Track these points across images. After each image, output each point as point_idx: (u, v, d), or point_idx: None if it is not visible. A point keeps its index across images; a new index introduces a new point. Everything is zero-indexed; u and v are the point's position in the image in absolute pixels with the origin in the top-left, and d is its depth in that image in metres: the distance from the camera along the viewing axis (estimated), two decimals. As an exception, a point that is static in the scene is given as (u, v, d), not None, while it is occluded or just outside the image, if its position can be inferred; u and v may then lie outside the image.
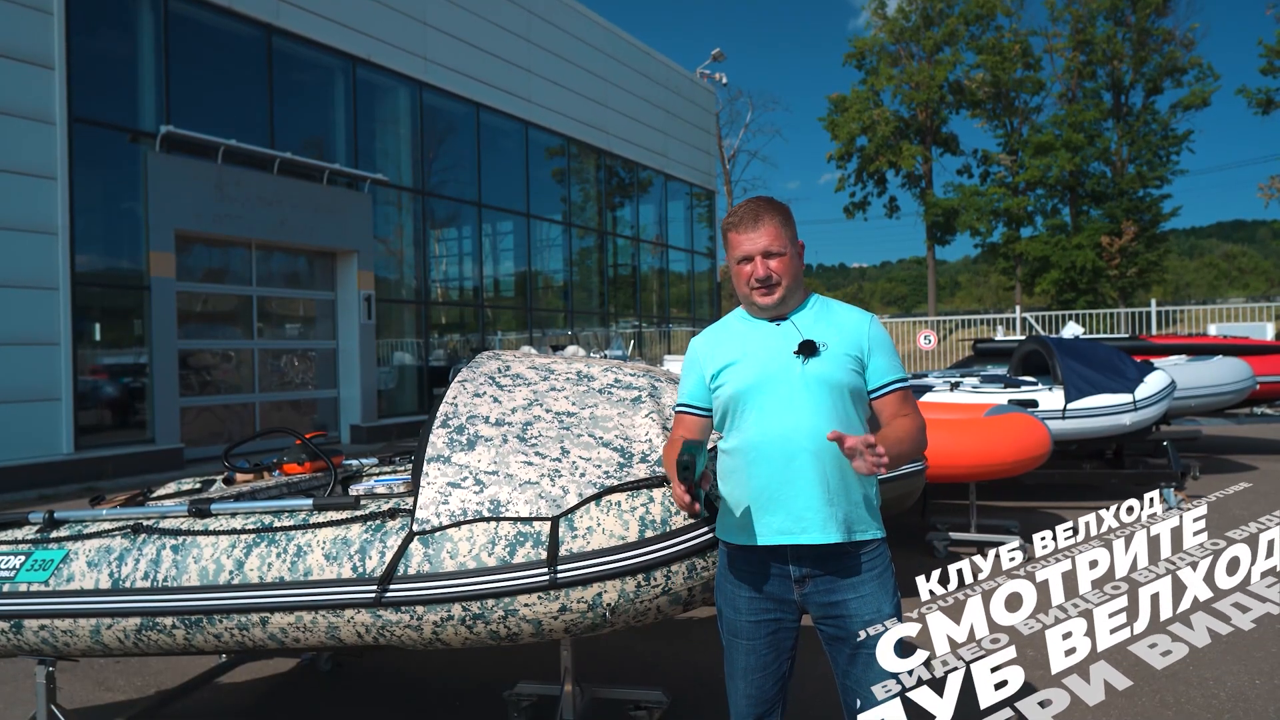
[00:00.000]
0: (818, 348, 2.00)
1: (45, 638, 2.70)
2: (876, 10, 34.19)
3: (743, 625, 2.05)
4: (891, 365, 2.07)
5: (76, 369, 9.69)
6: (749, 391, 2.01)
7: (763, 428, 1.99)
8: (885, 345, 2.07)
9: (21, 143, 9.22)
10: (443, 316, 16.21)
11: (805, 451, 1.95)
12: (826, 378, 1.98)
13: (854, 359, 2.02)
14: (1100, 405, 6.53)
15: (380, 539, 2.44)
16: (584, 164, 19.54)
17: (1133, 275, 30.58)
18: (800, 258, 2.11)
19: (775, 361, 2.01)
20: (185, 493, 3.31)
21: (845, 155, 34.92)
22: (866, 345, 2.04)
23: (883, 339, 2.07)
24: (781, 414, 1.98)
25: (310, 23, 12.52)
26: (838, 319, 2.07)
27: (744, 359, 2.04)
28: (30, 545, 2.79)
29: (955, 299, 50.16)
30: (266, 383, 12.36)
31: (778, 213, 2.06)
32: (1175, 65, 30.99)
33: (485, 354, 2.92)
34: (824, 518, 1.94)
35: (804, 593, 1.99)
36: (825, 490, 1.95)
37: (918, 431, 2.03)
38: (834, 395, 1.99)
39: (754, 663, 2.05)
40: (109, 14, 10.41)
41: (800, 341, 2.00)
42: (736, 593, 2.05)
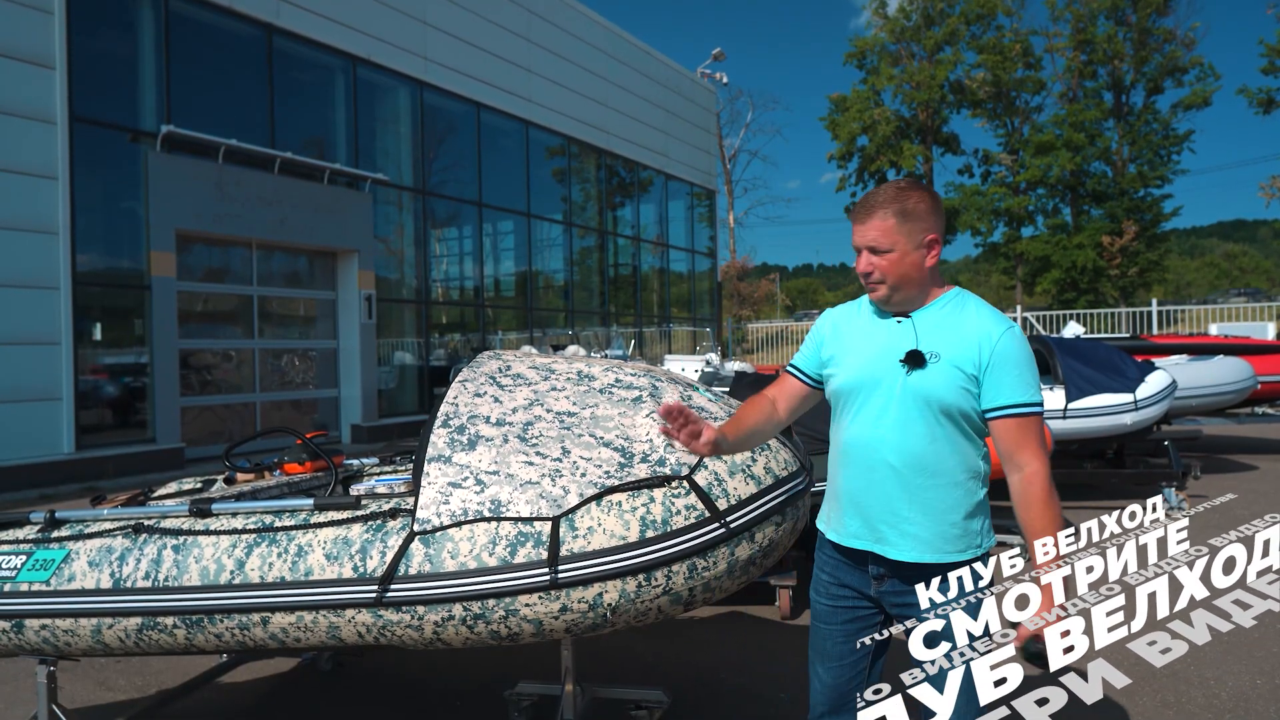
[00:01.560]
0: (925, 358, 1.86)
1: (46, 637, 2.70)
2: (877, 10, 34.19)
3: (821, 608, 2.05)
4: (1011, 386, 1.82)
5: (77, 368, 9.69)
6: (851, 391, 1.96)
7: (854, 431, 1.95)
8: (1010, 361, 1.82)
9: (22, 142, 9.23)
10: (443, 316, 16.21)
11: (886, 464, 1.88)
12: (924, 393, 1.85)
13: (965, 375, 1.84)
14: (1101, 405, 6.53)
15: (381, 539, 2.44)
16: (584, 163, 19.54)
17: (1133, 275, 30.58)
18: (927, 254, 1.91)
19: (881, 365, 1.91)
20: (186, 492, 3.31)
21: (846, 155, 34.92)
22: (986, 359, 1.83)
23: (1010, 353, 1.82)
24: (873, 422, 1.91)
25: (311, 22, 12.52)
26: (963, 325, 1.87)
27: (855, 354, 1.97)
28: (31, 545, 2.79)
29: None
30: (267, 382, 12.37)
31: (894, 204, 1.88)
32: (1176, 65, 30.99)
33: (486, 354, 2.92)
34: (899, 534, 1.89)
35: (880, 589, 1.96)
36: (907, 507, 1.87)
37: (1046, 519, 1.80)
38: (930, 412, 1.85)
39: (831, 650, 2.03)
40: (110, 14, 10.42)
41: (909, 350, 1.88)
42: (819, 575, 2.07)
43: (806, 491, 2.61)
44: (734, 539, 2.39)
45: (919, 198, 1.90)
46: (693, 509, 2.38)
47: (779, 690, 3.48)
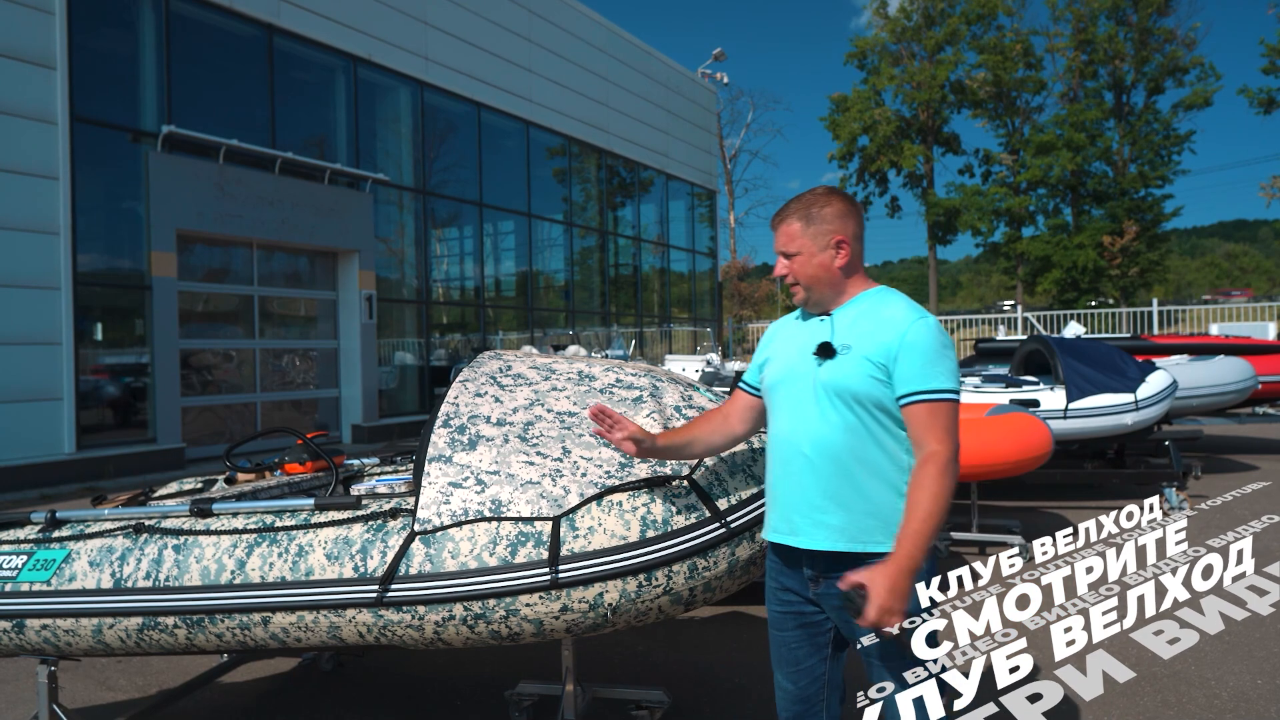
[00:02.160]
0: (835, 350, 1.92)
1: (47, 637, 2.70)
2: (878, 10, 34.19)
3: (773, 615, 2.08)
4: (919, 373, 1.85)
5: (78, 368, 9.70)
6: (774, 388, 2.03)
7: (776, 427, 2.01)
8: (918, 349, 1.85)
9: (23, 143, 9.23)
10: (444, 316, 16.22)
11: (802, 456, 1.92)
12: (835, 383, 1.89)
13: (876, 364, 1.87)
14: (1102, 405, 6.52)
15: (382, 539, 2.44)
16: (585, 163, 19.54)
17: (1134, 275, 30.58)
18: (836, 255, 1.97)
19: (800, 361, 1.97)
20: (187, 492, 3.31)
21: (847, 155, 34.94)
22: (896, 348, 1.87)
23: (918, 342, 1.86)
24: (790, 416, 1.97)
25: (311, 22, 12.52)
26: (876, 318, 1.92)
27: (781, 355, 2.04)
28: (32, 545, 2.79)
29: (956, 298, 50.15)
30: (268, 382, 12.37)
31: (800, 210, 1.99)
32: (1177, 65, 31.00)
33: (486, 354, 2.92)
34: (813, 524, 1.91)
35: (818, 591, 1.97)
36: (820, 496, 1.90)
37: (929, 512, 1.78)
38: (842, 402, 1.89)
39: (786, 655, 2.06)
40: (110, 14, 10.42)
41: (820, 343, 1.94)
42: (768, 581, 2.10)
43: (807, 491, 2.61)
44: (734, 539, 2.39)
45: (826, 202, 1.98)
46: (693, 509, 2.38)
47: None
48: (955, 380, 1.88)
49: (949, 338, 1.91)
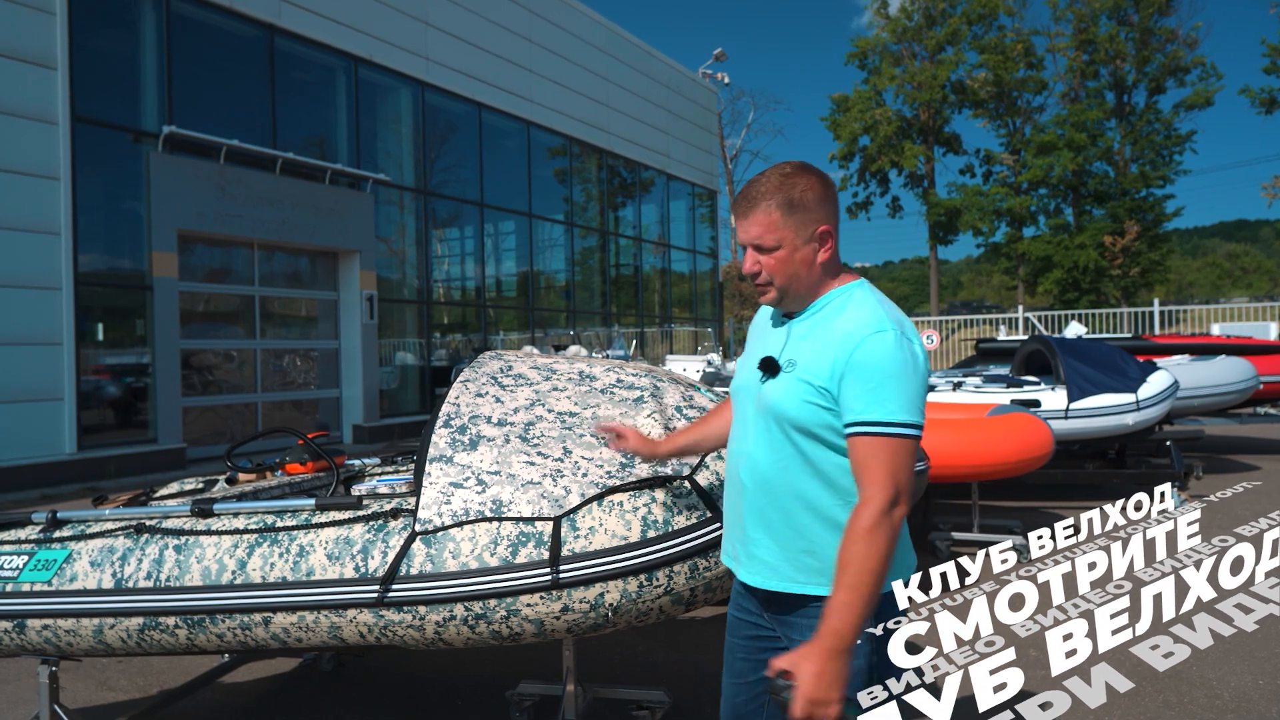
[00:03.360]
0: (779, 367, 1.65)
1: (48, 637, 2.70)
2: (879, 10, 34.19)
3: (731, 619, 1.88)
4: (863, 399, 1.54)
5: (79, 369, 9.70)
6: (732, 397, 1.83)
7: (729, 445, 1.81)
8: (867, 370, 1.55)
9: (24, 143, 9.24)
10: (445, 316, 16.22)
11: (739, 481, 1.73)
12: (772, 406, 1.64)
13: (816, 388, 1.59)
14: (1103, 405, 6.52)
15: (382, 539, 2.44)
16: (586, 164, 19.55)
17: (1135, 275, 30.56)
18: (819, 248, 1.66)
19: (752, 373, 1.73)
20: (188, 492, 3.31)
21: (848, 155, 34.93)
22: (842, 368, 1.57)
23: (867, 362, 1.55)
24: (736, 435, 1.77)
25: (312, 22, 12.53)
26: (830, 329, 1.63)
27: (744, 360, 1.81)
28: (33, 545, 2.79)
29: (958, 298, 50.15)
30: (269, 382, 12.38)
31: (779, 194, 1.63)
32: (1178, 64, 30.97)
33: (487, 354, 2.92)
34: (749, 556, 1.72)
35: (769, 613, 1.76)
36: (753, 528, 1.70)
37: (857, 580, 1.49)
38: (778, 427, 1.64)
39: (730, 663, 1.86)
40: (111, 14, 10.42)
41: (764, 357, 1.68)
42: (733, 585, 1.92)
43: (808, 492, 2.60)
44: (735, 539, 2.39)
45: (807, 184, 1.64)
46: (694, 509, 2.38)
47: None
48: (911, 411, 1.54)
49: (916, 355, 1.58)
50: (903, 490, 1.55)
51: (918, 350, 1.60)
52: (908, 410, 1.54)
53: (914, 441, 1.56)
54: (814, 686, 1.48)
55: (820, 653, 1.49)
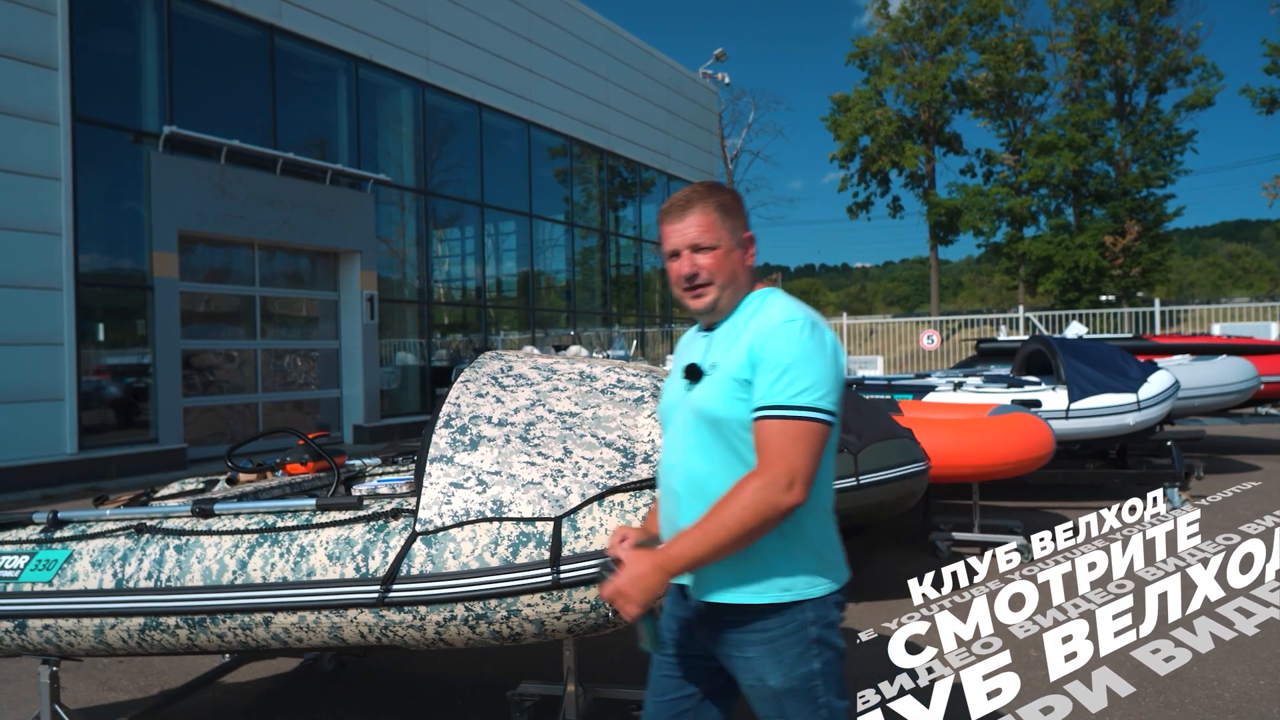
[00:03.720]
0: (703, 371, 1.68)
1: (49, 637, 2.70)
2: (879, 10, 34.18)
3: (666, 624, 1.83)
4: (769, 387, 1.56)
5: (80, 369, 9.70)
6: (661, 423, 1.83)
7: (660, 465, 1.79)
8: (774, 359, 1.57)
9: (26, 143, 9.24)
10: (445, 316, 16.22)
11: (673, 491, 1.71)
12: (700, 408, 1.65)
13: (739, 382, 1.60)
14: (1104, 405, 6.52)
15: (383, 539, 2.44)
16: (586, 164, 19.55)
17: (1136, 275, 30.54)
18: (746, 255, 1.73)
19: (677, 385, 1.75)
20: (189, 493, 3.31)
21: (848, 155, 34.92)
22: (756, 358, 1.59)
23: (776, 352, 1.57)
24: (668, 447, 1.75)
25: (312, 23, 12.53)
26: (746, 328, 1.66)
27: (668, 383, 1.81)
28: (34, 545, 2.79)
29: (958, 299, 50.16)
30: (269, 382, 12.38)
31: (713, 199, 1.71)
32: (1179, 64, 30.96)
33: (488, 354, 2.92)
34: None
35: (704, 626, 1.73)
36: None
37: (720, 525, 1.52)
38: (707, 429, 1.64)
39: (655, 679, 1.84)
40: (112, 14, 10.43)
41: (688, 365, 1.71)
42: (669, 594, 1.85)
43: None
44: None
45: (732, 195, 1.75)
46: (695, 509, 2.38)
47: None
48: (819, 397, 1.55)
49: (826, 344, 1.60)
50: (798, 475, 1.53)
51: (829, 340, 1.62)
52: (812, 395, 1.55)
53: (818, 426, 1.56)
54: (628, 582, 1.56)
55: (650, 561, 1.57)
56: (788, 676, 1.61)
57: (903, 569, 5.25)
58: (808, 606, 1.61)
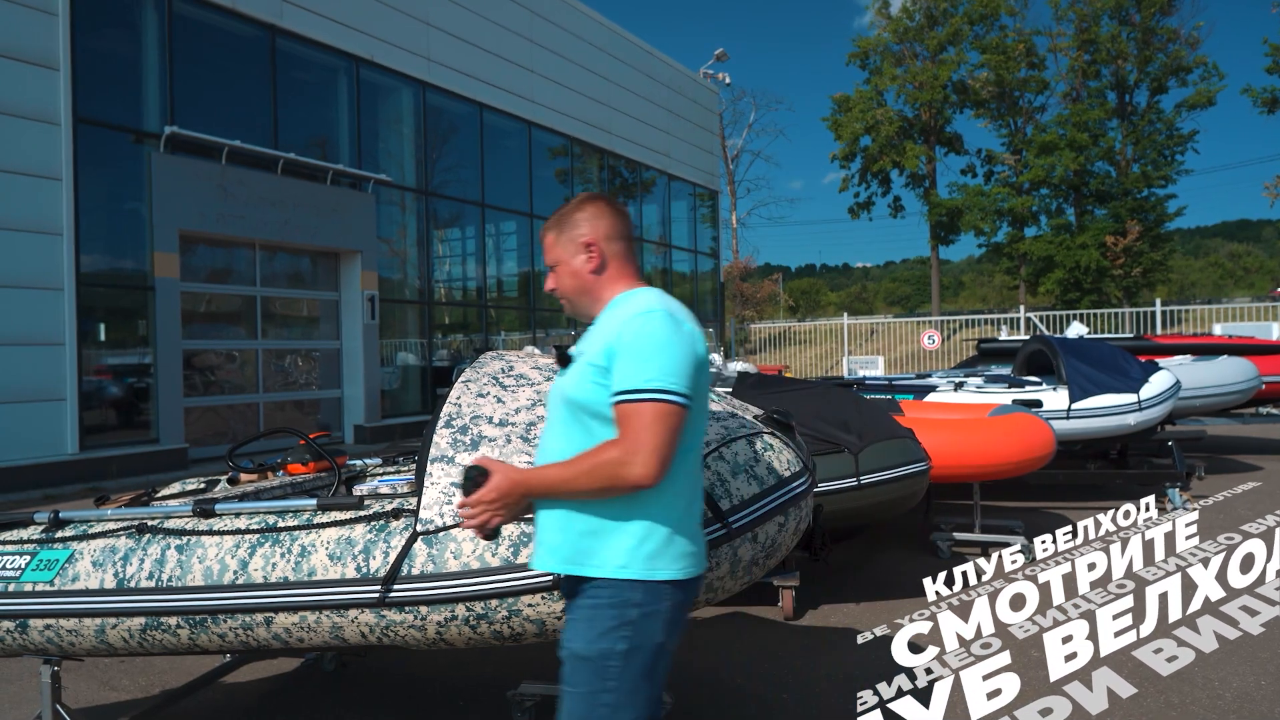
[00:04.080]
0: (570, 359, 1.85)
1: (50, 637, 2.70)
2: (880, 10, 34.17)
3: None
4: (626, 372, 1.67)
5: (81, 369, 9.71)
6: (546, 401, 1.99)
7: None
8: (631, 346, 1.69)
9: (26, 143, 9.25)
10: (446, 316, 16.23)
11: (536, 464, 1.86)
12: (564, 392, 1.81)
13: (598, 368, 1.73)
14: (1105, 405, 6.52)
15: (384, 539, 2.45)
16: (587, 164, 19.55)
17: (1137, 275, 30.52)
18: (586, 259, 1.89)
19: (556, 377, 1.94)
20: (190, 493, 3.31)
21: (849, 155, 34.91)
22: (614, 348, 1.72)
23: (633, 340, 1.69)
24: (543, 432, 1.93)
25: (313, 23, 12.54)
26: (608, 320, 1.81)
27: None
28: (35, 545, 2.80)
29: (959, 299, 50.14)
30: (270, 383, 12.39)
31: (555, 220, 1.93)
32: (1180, 64, 30.93)
33: (489, 354, 2.92)
34: (541, 542, 1.83)
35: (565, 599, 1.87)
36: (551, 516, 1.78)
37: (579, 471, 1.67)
38: (569, 412, 1.79)
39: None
40: (113, 15, 10.44)
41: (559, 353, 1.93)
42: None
43: (809, 492, 2.61)
44: (736, 539, 2.39)
45: (577, 207, 1.92)
46: (695, 509, 2.37)
47: (781, 691, 3.48)
48: (670, 380, 1.66)
49: (683, 333, 1.72)
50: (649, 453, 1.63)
51: (686, 330, 1.74)
52: (665, 378, 1.66)
53: (672, 408, 1.66)
54: (488, 491, 1.70)
55: (514, 476, 1.71)
56: (588, 645, 1.69)
57: (904, 569, 5.26)
58: (639, 588, 1.69)
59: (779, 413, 2.79)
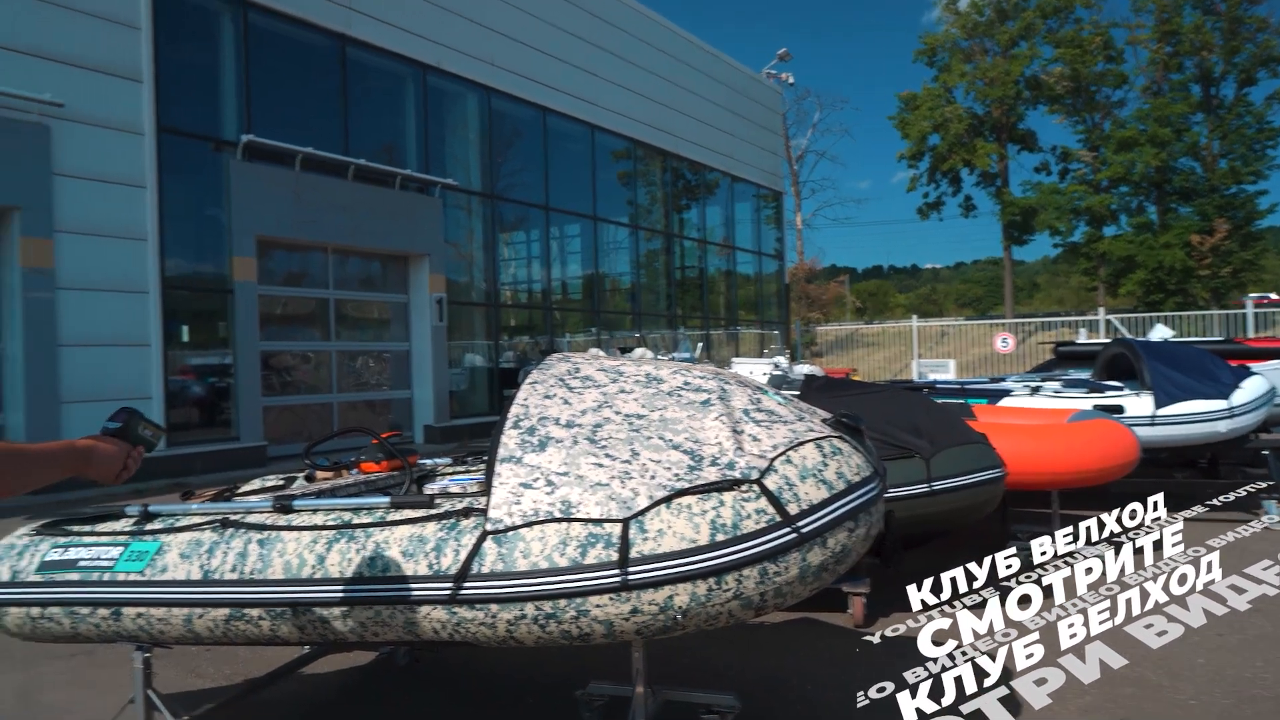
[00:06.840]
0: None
1: (142, 625, 2.82)
2: (949, 5, 33.43)
3: None
4: None
5: (166, 369, 10.13)
6: None
7: None
8: None
9: (114, 153, 9.70)
10: (512, 319, 16.44)
11: None
12: None
13: None
14: (1192, 411, 6.23)
15: (455, 537, 2.48)
16: (650, 166, 19.59)
17: (1226, 275, 29.16)
18: None
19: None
20: (269, 489, 3.42)
21: (917, 154, 34.23)
22: None
23: None
24: None
25: (381, 31, 12.85)
26: None
27: None
28: (128, 537, 2.92)
29: (1034, 301, 48.62)
30: (344, 383, 12.73)
31: None
32: (1270, 54, 29.48)
33: (555, 356, 2.94)
34: None
35: None
36: None
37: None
38: None
39: None
40: (192, 27, 10.87)
41: None
42: None
43: (880, 497, 2.55)
44: (805, 544, 2.35)
45: None
46: (763, 513, 2.35)
47: (848, 699, 3.42)
48: None
49: None
50: None
51: None
52: None
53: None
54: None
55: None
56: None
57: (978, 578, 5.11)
58: None
59: (848, 416, 2.73)
